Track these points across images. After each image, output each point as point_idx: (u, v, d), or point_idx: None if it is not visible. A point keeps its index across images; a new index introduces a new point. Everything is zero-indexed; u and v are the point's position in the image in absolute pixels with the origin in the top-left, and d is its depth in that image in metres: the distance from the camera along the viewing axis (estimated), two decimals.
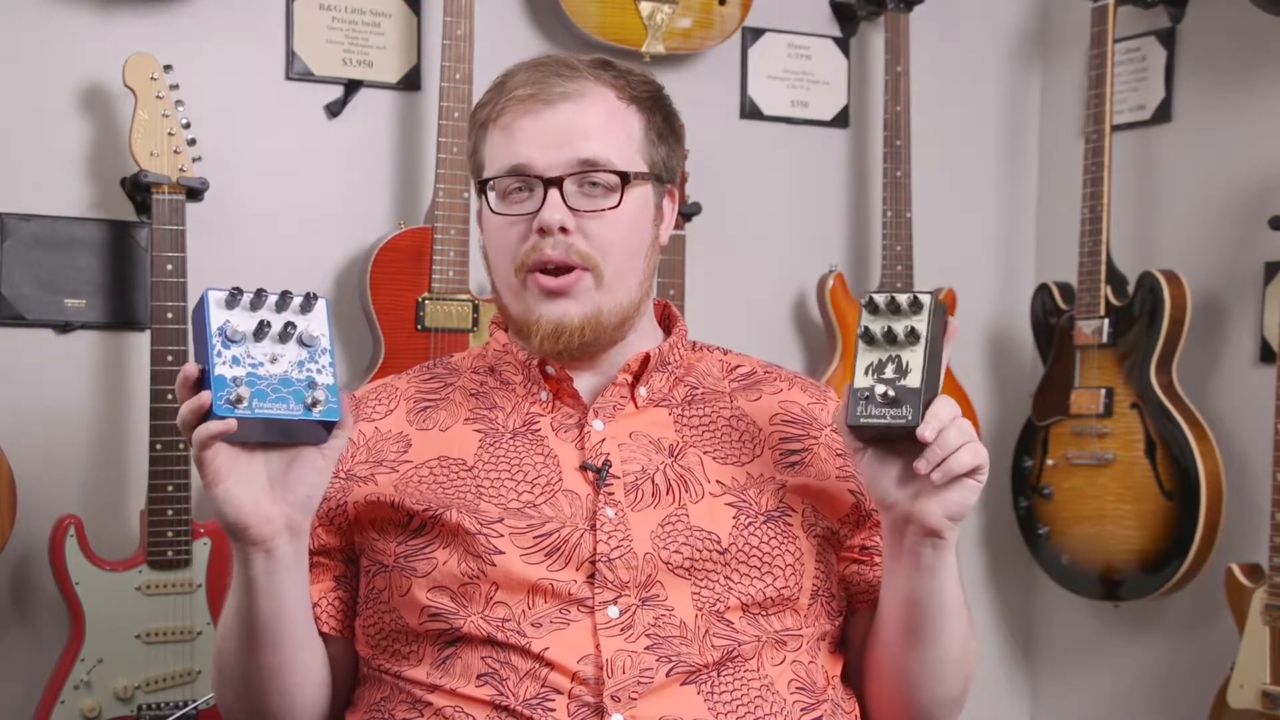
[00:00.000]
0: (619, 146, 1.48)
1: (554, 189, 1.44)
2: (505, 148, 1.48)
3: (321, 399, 1.27)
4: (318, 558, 1.49)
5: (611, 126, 1.48)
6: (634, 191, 1.48)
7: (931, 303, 1.35)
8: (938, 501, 1.35)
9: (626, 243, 1.48)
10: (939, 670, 1.48)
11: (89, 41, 2.47)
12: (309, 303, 1.30)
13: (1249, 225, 2.80)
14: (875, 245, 3.02)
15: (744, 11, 2.86)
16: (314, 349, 1.29)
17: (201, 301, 1.28)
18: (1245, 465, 2.78)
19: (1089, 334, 2.85)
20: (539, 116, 1.46)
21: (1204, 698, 2.65)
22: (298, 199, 2.64)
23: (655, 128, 1.52)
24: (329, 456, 1.33)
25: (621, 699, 1.36)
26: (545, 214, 1.44)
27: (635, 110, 1.50)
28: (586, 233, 1.45)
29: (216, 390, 1.24)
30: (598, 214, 1.45)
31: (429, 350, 2.51)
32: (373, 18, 2.68)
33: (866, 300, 1.36)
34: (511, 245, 1.47)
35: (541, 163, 1.45)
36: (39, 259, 2.44)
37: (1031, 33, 3.27)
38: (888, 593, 1.46)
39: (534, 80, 1.47)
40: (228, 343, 1.26)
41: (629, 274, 1.48)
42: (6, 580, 2.44)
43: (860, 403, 1.34)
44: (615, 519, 1.43)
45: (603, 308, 1.47)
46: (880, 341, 1.35)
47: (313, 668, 1.46)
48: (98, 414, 2.49)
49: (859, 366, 1.35)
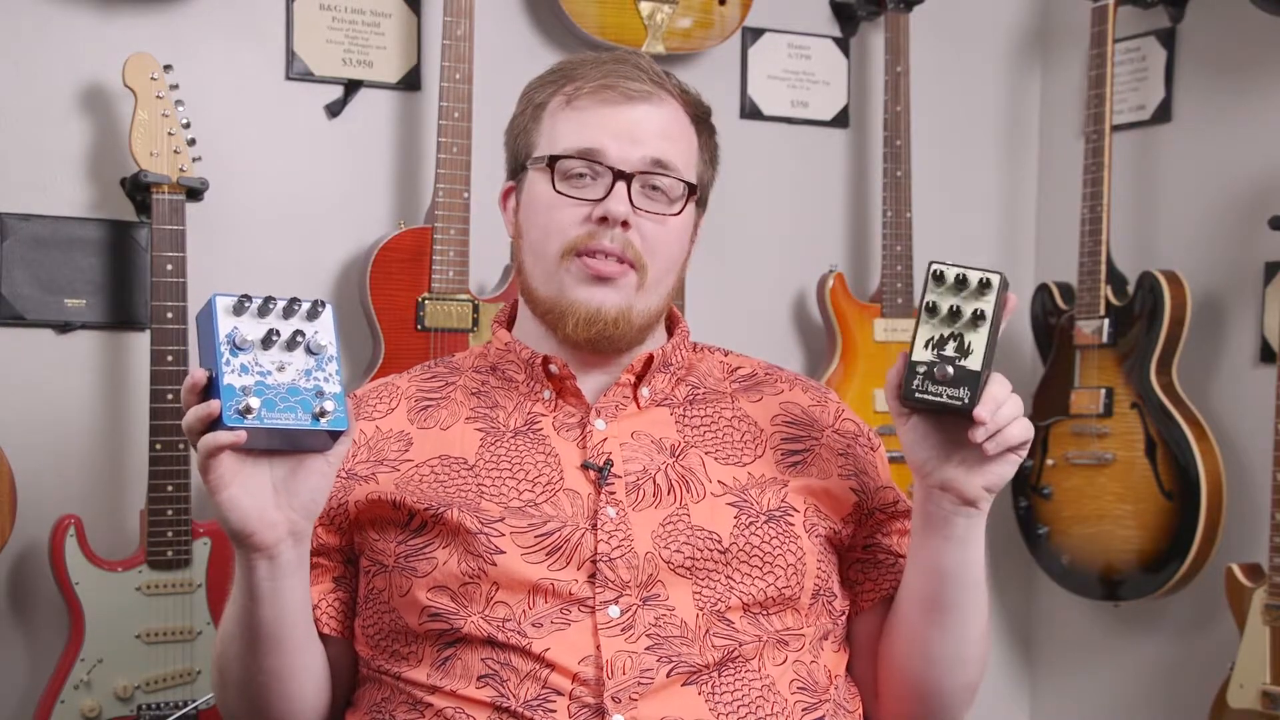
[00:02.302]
0: (686, 158, 1.51)
1: (623, 182, 1.45)
2: (577, 130, 1.47)
3: (330, 409, 1.27)
4: (317, 558, 1.49)
5: (682, 138, 1.51)
6: (690, 204, 1.51)
7: (1000, 282, 1.32)
8: (980, 473, 1.36)
9: (672, 251, 1.50)
10: (963, 649, 1.48)
11: (89, 41, 2.47)
12: (316, 310, 1.30)
13: (1249, 225, 2.80)
14: (875, 245, 3.02)
15: (744, 11, 2.86)
16: (320, 357, 1.29)
17: (209, 307, 1.28)
18: (1245, 465, 2.78)
19: (1089, 334, 2.85)
20: (616, 108, 1.47)
21: (1204, 698, 2.65)
22: (298, 199, 2.64)
23: (708, 149, 1.55)
24: (333, 462, 1.32)
25: (622, 700, 1.36)
26: (611, 205, 1.45)
27: (695, 128, 1.53)
28: (643, 233, 1.47)
29: (226, 399, 1.24)
30: (658, 217, 1.47)
31: (429, 350, 2.51)
32: (373, 18, 2.68)
33: (935, 272, 1.33)
34: (564, 226, 1.47)
35: (616, 154, 1.46)
36: (39, 259, 2.44)
37: (1031, 33, 3.27)
38: (915, 568, 1.46)
39: (614, 73, 1.48)
40: (236, 350, 1.26)
41: (665, 283, 1.51)
42: (6, 580, 2.44)
43: (918, 377, 1.32)
44: (616, 518, 1.43)
45: (636, 307, 1.48)
46: (944, 317, 1.33)
47: (314, 670, 1.46)
48: (98, 414, 2.49)
49: (919, 338, 1.33)
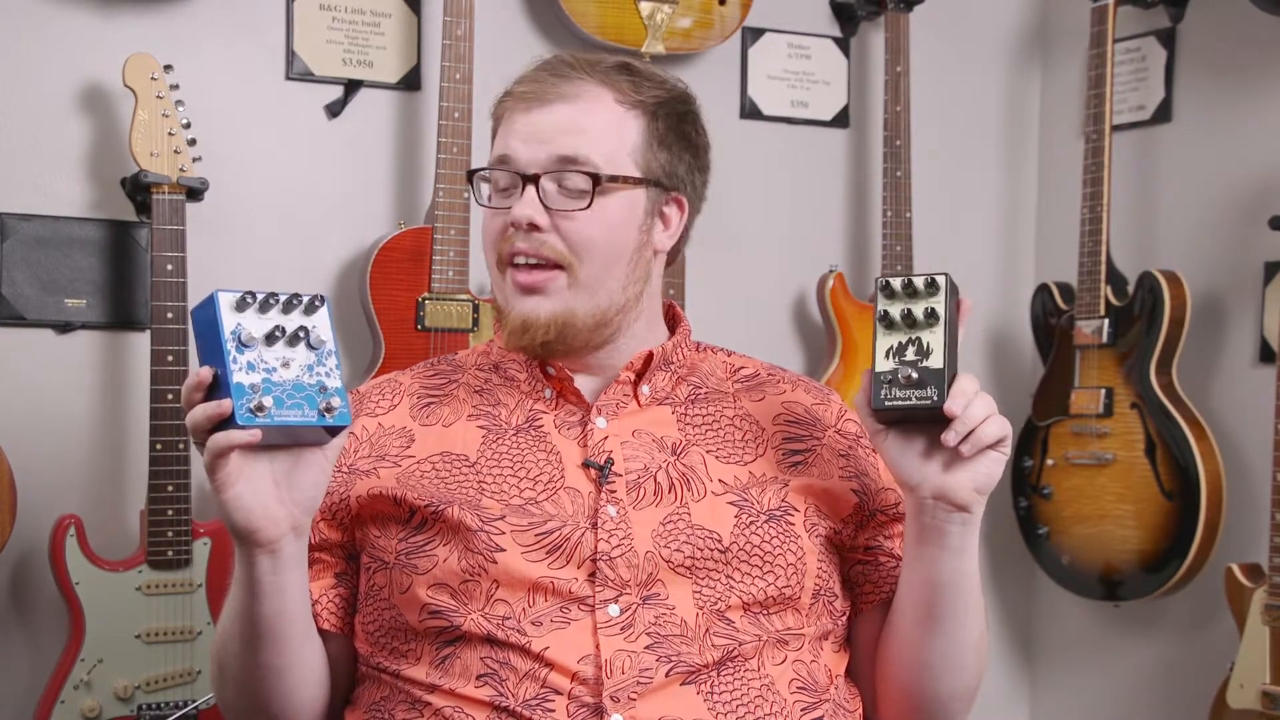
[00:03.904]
0: (606, 149, 1.47)
1: (530, 185, 1.45)
2: (499, 141, 1.50)
3: (336, 405, 1.28)
4: (319, 554, 1.49)
5: (602, 129, 1.47)
6: (617, 195, 1.47)
7: (946, 282, 1.36)
8: (967, 475, 1.37)
9: (607, 245, 1.47)
10: (959, 657, 1.48)
11: (89, 41, 2.47)
12: (314, 305, 1.30)
13: (1249, 225, 2.80)
14: (875, 245, 3.02)
15: (744, 11, 2.86)
16: (321, 352, 1.29)
17: (212, 303, 1.27)
18: (1245, 465, 2.78)
19: (1089, 334, 2.85)
20: (530, 114, 1.48)
21: (1204, 698, 2.65)
22: (298, 199, 2.64)
23: (657, 134, 1.51)
24: (330, 456, 1.33)
25: (621, 699, 1.36)
26: (516, 209, 1.46)
27: (636, 115, 1.49)
28: (563, 232, 1.46)
29: (237, 398, 1.24)
30: (568, 214, 1.46)
31: (429, 350, 2.51)
32: (373, 18, 2.68)
33: (882, 284, 1.37)
34: (493, 238, 1.49)
35: (524, 158, 1.46)
36: (39, 259, 2.44)
37: (1031, 33, 3.27)
38: (909, 580, 1.46)
39: (534, 79, 1.49)
40: (241, 347, 1.26)
41: (609, 277, 1.48)
42: (6, 580, 2.44)
43: (884, 386, 1.35)
44: (617, 517, 1.43)
45: (576, 309, 1.47)
46: (899, 324, 1.36)
47: (313, 665, 1.46)
48: (98, 414, 2.49)
49: (879, 350, 1.36)
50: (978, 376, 1.38)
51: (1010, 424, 1.38)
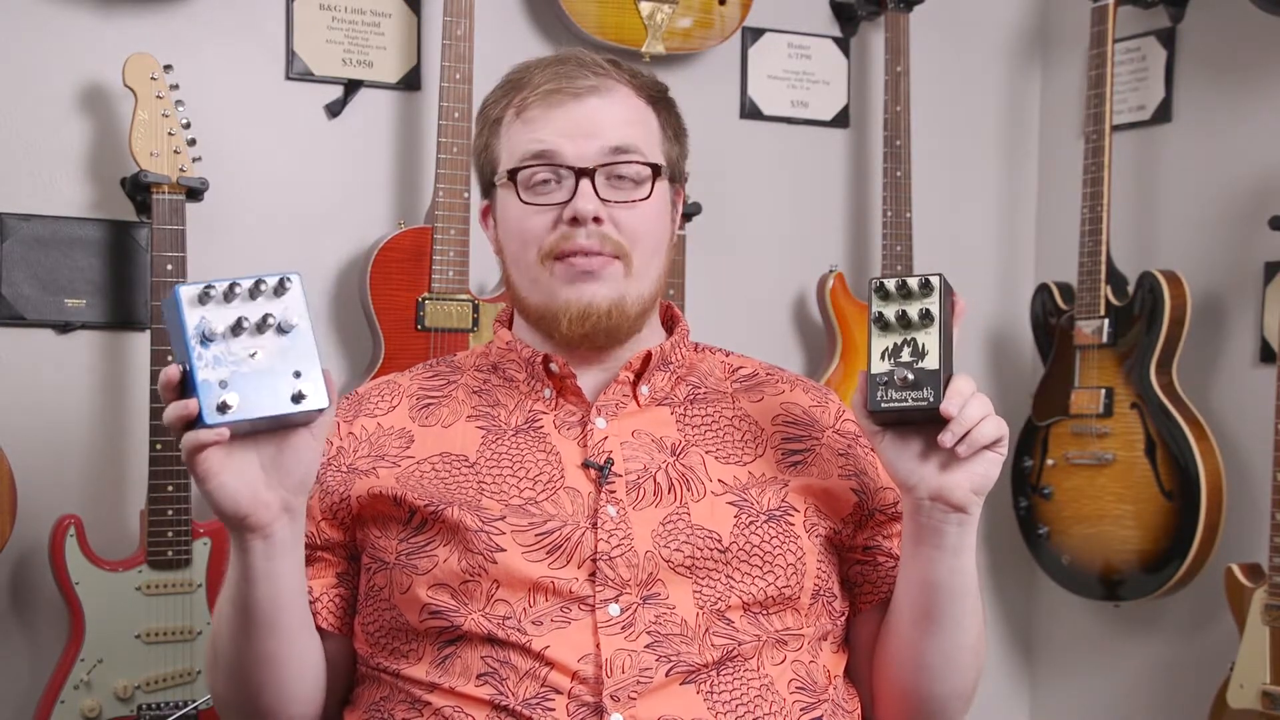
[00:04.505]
0: (648, 139, 1.50)
1: (585, 179, 1.45)
2: (532, 138, 1.47)
3: (308, 390, 1.24)
4: (321, 553, 1.49)
5: (638, 120, 1.50)
6: (659, 185, 1.50)
7: (940, 282, 1.36)
8: (964, 475, 1.37)
9: (653, 234, 1.50)
10: (957, 657, 1.48)
11: (89, 41, 2.47)
12: (283, 285, 1.25)
13: (1249, 225, 2.80)
14: (875, 245, 3.02)
15: (744, 11, 2.86)
16: (292, 335, 1.25)
17: (174, 300, 1.23)
18: (1245, 465, 2.78)
19: (1089, 334, 2.85)
20: (565, 109, 1.47)
21: (1204, 698, 2.65)
22: (298, 199, 2.64)
23: (670, 126, 1.54)
24: (318, 435, 1.31)
25: (621, 699, 1.36)
26: (579, 204, 1.44)
27: (651, 108, 1.52)
28: (617, 223, 1.46)
29: (203, 397, 1.21)
30: (629, 205, 1.47)
31: (429, 350, 2.51)
32: (373, 18, 2.68)
33: (876, 285, 1.37)
34: (538, 234, 1.47)
35: (571, 153, 1.46)
36: (39, 259, 2.44)
37: (1031, 33, 3.27)
38: (907, 580, 1.47)
39: (558, 74, 1.48)
40: (205, 342, 1.22)
41: (653, 266, 1.50)
42: (6, 580, 2.44)
43: (880, 388, 1.35)
44: (617, 517, 1.43)
45: (628, 295, 1.47)
46: (894, 326, 1.36)
47: (307, 658, 1.45)
48: (98, 414, 2.49)
49: (874, 352, 1.36)
50: (977, 376, 1.39)
51: (1009, 424, 1.39)
